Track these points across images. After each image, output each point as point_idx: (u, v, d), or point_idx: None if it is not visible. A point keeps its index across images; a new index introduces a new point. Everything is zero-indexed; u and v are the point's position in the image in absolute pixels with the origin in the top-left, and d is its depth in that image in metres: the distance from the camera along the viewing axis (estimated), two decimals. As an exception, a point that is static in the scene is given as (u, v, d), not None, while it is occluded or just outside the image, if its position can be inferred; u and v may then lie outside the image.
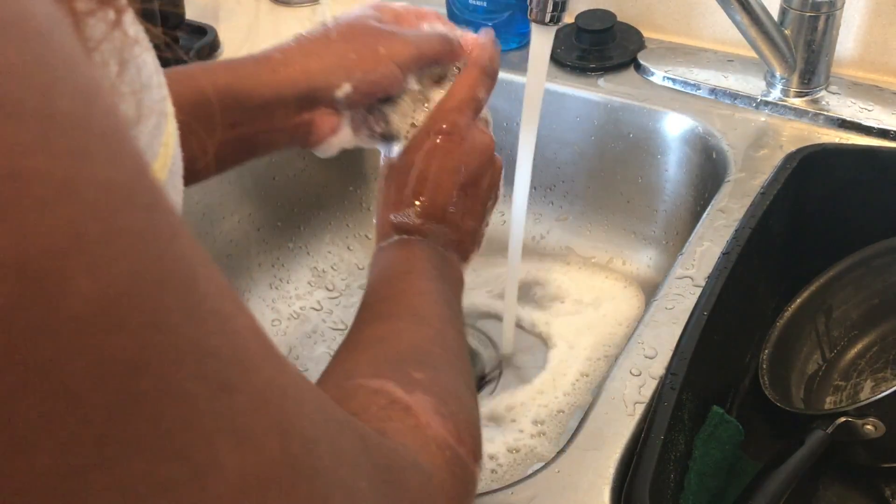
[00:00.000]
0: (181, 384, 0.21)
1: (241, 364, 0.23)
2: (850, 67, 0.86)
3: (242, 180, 0.87)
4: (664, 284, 0.65)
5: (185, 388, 0.21)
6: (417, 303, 0.50)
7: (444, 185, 0.57)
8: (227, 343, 0.23)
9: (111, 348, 0.19)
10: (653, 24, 0.94)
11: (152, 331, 0.20)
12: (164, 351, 0.20)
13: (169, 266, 0.21)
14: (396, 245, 0.56)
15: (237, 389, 0.22)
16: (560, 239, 0.96)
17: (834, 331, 0.74)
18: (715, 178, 0.79)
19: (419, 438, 0.38)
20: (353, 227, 0.99)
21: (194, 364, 0.21)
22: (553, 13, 0.64)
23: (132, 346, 0.19)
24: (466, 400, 0.44)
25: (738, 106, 0.84)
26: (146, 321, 0.20)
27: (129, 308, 0.19)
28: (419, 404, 0.40)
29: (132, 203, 0.20)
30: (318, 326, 0.90)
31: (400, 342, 0.46)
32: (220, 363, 0.22)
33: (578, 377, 0.82)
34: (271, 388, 0.24)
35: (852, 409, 0.59)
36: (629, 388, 0.57)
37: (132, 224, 0.20)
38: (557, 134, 0.92)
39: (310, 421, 0.26)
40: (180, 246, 0.22)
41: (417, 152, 0.57)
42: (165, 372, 0.20)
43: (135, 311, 0.19)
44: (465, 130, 0.58)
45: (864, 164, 0.76)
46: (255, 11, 1.05)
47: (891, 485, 0.65)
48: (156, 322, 0.20)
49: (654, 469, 0.51)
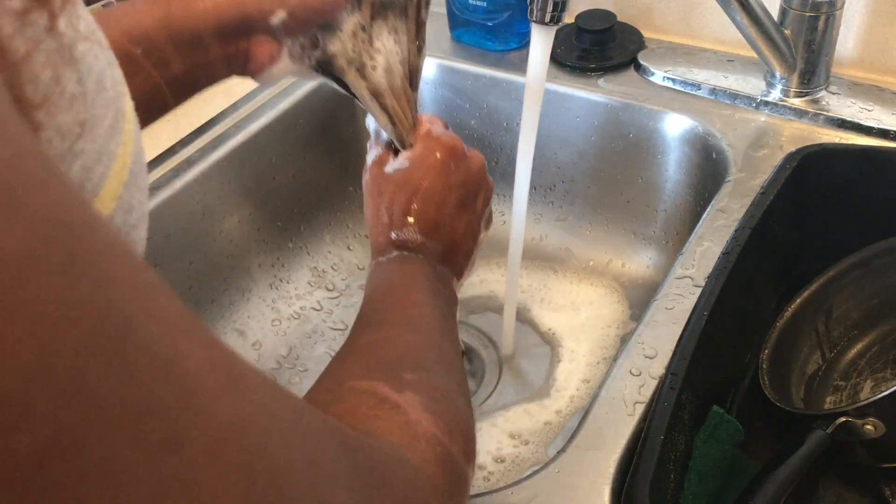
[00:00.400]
0: (114, 457, 0.19)
1: (190, 411, 0.21)
2: (849, 67, 0.86)
3: (242, 180, 0.87)
4: (664, 284, 0.65)
5: (118, 460, 0.19)
6: (412, 313, 0.50)
7: (447, 203, 0.56)
8: (172, 391, 0.21)
9: (14, 443, 0.17)
10: (653, 24, 0.94)
11: (68, 411, 0.18)
12: (85, 429, 0.18)
13: (93, 326, 0.19)
14: (395, 260, 0.55)
15: (186, 443, 0.21)
16: (560, 239, 0.96)
17: (834, 331, 0.74)
18: (715, 178, 0.79)
19: (408, 435, 0.38)
20: (353, 227, 0.99)
21: (131, 428, 0.19)
22: (553, 13, 0.64)
23: (38, 438, 0.17)
24: (459, 402, 0.44)
25: (738, 106, 0.84)
26: (61, 402, 0.18)
27: (37, 395, 0.17)
28: (408, 402, 0.39)
29: (40, 269, 0.18)
30: (319, 326, 0.90)
31: (393, 347, 0.46)
32: (163, 418, 0.20)
33: (579, 377, 0.82)
34: (230, 426, 0.22)
35: (852, 409, 0.59)
36: (629, 388, 0.57)
37: (39, 293, 0.18)
38: (557, 134, 0.92)
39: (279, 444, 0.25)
40: (110, 293, 0.20)
41: (419, 169, 0.56)
42: (90, 451, 0.18)
43: (45, 394, 0.17)
44: (464, 147, 0.58)
45: (864, 164, 0.76)
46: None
47: (891, 485, 0.65)
48: (74, 399, 0.18)
49: (654, 469, 0.51)
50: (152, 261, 0.78)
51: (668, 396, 0.55)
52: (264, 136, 0.87)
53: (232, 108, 0.88)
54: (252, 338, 0.87)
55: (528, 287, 0.91)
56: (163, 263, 0.80)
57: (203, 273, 0.84)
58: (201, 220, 0.83)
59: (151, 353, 0.20)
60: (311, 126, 0.93)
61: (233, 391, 0.23)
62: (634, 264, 0.92)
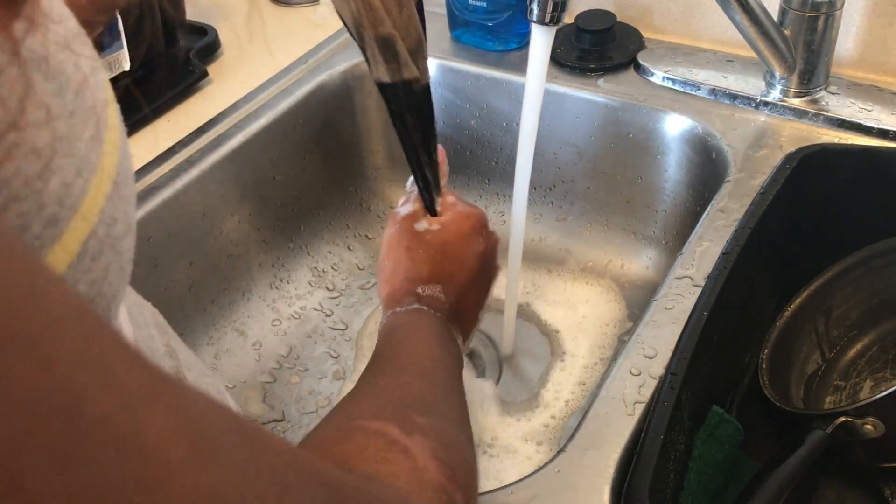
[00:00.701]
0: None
1: (147, 488, 0.20)
2: (849, 67, 0.86)
3: (242, 180, 0.87)
4: (664, 284, 0.65)
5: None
6: (427, 364, 0.50)
7: (469, 269, 0.59)
8: (129, 468, 0.19)
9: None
10: (653, 24, 0.94)
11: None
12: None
13: (35, 410, 0.18)
14: (413, 313, 0.57)
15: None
16: (560, 239, 0.96)
17: (833, 331, 0.74)
18: (715, 179, 0.79)
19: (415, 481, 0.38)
20: (353, 227, 0.99)
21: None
22: (553, 13, 0.64)
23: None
24: (467, 451, 0.44)
25: (737, 106, 0.84)
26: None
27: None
28: (417, 446, 0.39)
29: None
30: (319, 326, 0.90)
31: (405, 392, 0.46)
32: (118, 500, 0.19)
33: (579, 376, 0.82)
34: (195, 498, 0.21)
35: (852, 408, 0.59)
36: (629, 388, 0.58)
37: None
38: (557, 134, 0.92)
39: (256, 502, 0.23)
40: (57, 371, 0.19)
41: (452, 233, 0.59)
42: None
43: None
44: (484, 216, 0.61)
45: (864, 164, 0.76)
46: (256, 11, 1.05)
47: (890, 485, 0.65)
48: (8, 494, 0.17)
49: (653, 469, 0.51)
50: (152, 261, 0.78)
51: (667, 396, 0.55)
52: (264, 136, 0.87)
53: (232, 108, 0.88)
54: (252, 338, 0.87)
55: (528, 287, 0.91)
56: (163, 263, 0.80)
57: (203, 273, 0.84)
58: (201, 220, 0.83)
59: (105, 429, 0.19)
60: (311, 126, 0.93)
61: (199, 459, 0.22)
62: (634, 264, 0.93)
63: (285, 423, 0.81)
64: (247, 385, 0.84)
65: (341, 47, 0.97)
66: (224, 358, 0.85)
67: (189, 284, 0.83)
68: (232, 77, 0.93)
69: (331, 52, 0.96)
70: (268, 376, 0.85)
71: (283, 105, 0.89)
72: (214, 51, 0.96)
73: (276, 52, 0.96)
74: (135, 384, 0.21)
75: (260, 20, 1.03)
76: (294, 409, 0.82)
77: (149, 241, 0.78)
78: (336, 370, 0.85)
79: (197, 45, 0.94)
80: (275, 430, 0.80)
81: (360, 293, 0.93)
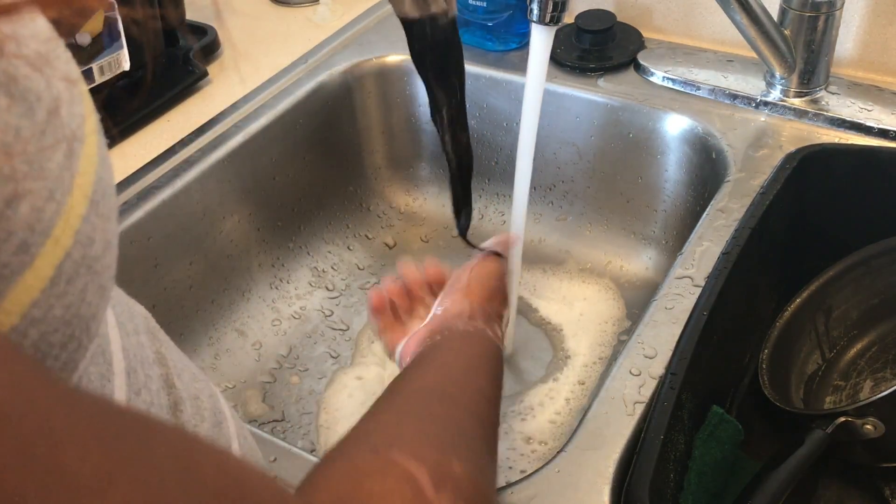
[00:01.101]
0: None
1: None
2: (849, 67, 0.86)
3: (242, 180, 0.87)
4: (664, 284, 0.65)
5: None
6: (477, 398, 0.51)
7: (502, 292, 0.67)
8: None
9: None
10: (653, 24, 0.94)
11: None
12: None
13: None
14: (474, 335, 0.59)
15: None
16: (560, 239, 0.96)
17: (833, 331, 0.74)
18: (715, 178, 0.79)
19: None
20: (353, 227, 0.99)
21: None
22: (553, 13, 0.64)
23: None
24: (490, 500, 0.44)
25: (737, 106, 0.84)
26: None
27: None
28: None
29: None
30: (318, 326, 0.90)
31: (451, 427, 0.46)
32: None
33: (579, 376, 0.82)
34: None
35: (852, 408, 0.59)
36: (629, 388, 0.57)
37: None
38: (557, 134, 0.92)
39: None
40: None
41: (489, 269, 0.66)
42: None
43: None
44: None
45: (864, 164, 0.76)
46: (255, 11, 1.05)
47: (890, 484, 0.65)
48: None
49: (653, 469, 0.51)
50: (152, 261, 0.78)
51: (667, 396, 0.55)
52: (264, 136, 0.87)
53: (232, 108, 0.88)
54: (252, 338, 0.87)
55: (528, 287, 0.91)
56: (163, 263, 0.80)
57: (203, 273, 0.84)
58: (201, 220, 0.83)
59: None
60: (311, 126, 0.93)
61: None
62: (634, 264, 0.93)
63: (285, 423, 0.81)
64: (246, 385, 0.84)
65: (341, 47, 0.97)
66: (224, 358, 0.85)
67: (189, 284, 0.83)
68: (232, 77, 0.93)
69: (331, 52, 0.96)
70: (268, 376, 0.85)
71: (282, 105, 0.89)
72: (214, 51, 0.96)
73: (276, 52, 0.96)
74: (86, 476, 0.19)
75: (260, 20, 1.03)
76: (294, 410, 0.82)
77: (149, 241, 0.78)
78: (336, 370, 0.85)
79: (196, 45, 0.94)
80: (274, 430, 0.80)
81: (360, 293, 0.93)
